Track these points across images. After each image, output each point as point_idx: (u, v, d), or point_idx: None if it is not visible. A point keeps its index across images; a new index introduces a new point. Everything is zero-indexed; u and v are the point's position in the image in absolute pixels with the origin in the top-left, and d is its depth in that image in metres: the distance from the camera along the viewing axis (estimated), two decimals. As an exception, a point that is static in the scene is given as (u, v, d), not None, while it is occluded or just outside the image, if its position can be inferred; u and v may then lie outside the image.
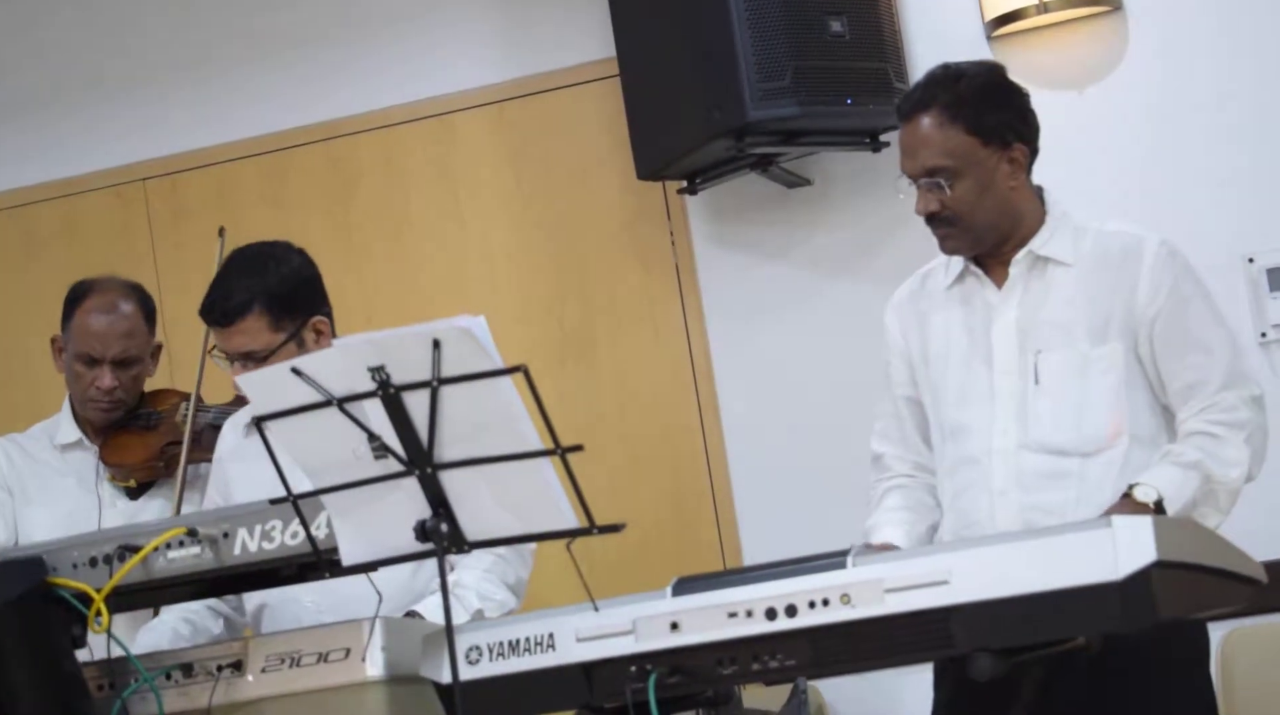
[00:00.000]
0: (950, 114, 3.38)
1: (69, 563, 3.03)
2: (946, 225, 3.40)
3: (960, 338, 3.49)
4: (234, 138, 5.93)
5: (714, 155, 5.18)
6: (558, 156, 5.70)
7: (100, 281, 4.22)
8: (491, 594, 3.67)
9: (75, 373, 4.15)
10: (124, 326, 4.13)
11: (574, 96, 5.67)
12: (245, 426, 3.89)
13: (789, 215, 5.46)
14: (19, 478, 4.17)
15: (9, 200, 6.08)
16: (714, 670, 2.75)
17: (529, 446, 2.71)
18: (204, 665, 3.05)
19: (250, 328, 3.70)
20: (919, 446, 3.60)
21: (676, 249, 5.58)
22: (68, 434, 4.21)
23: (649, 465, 5.54)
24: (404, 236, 5.80)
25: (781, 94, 4.91)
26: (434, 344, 2.67)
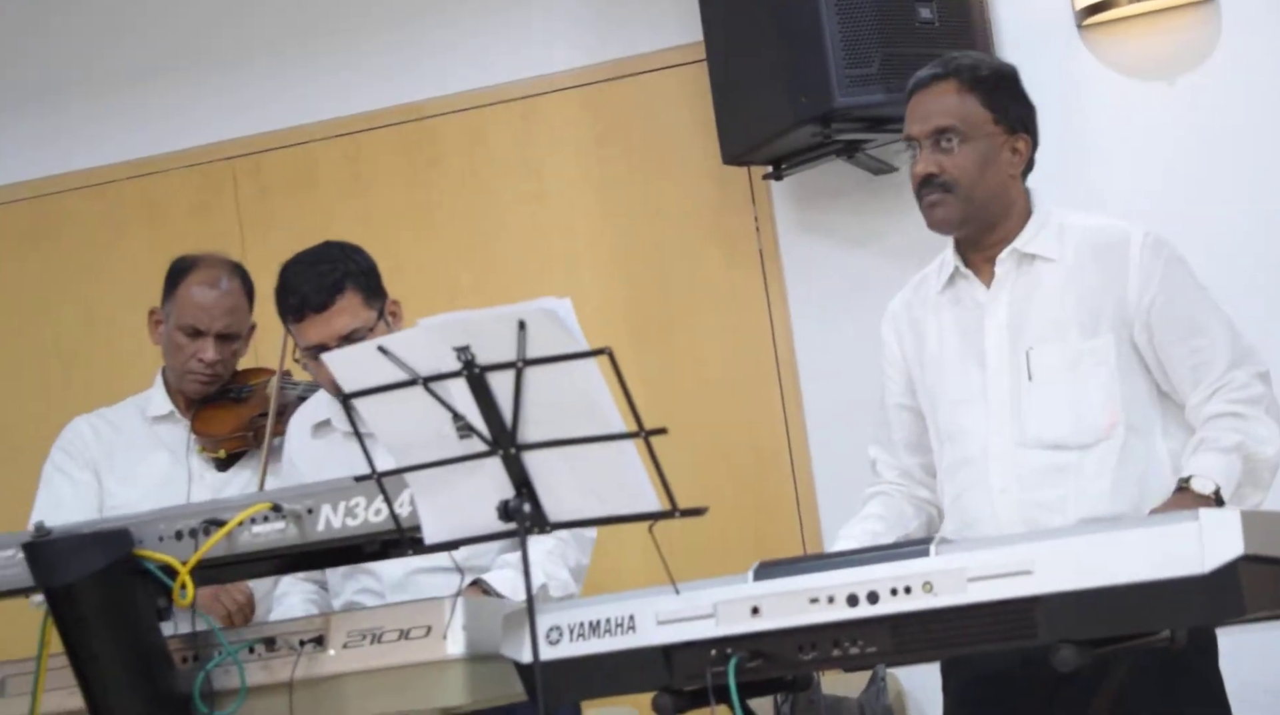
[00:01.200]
0: (969, 85, 3.42)
1: (155, 536, 3.05)
2: (942, 191, 3.40)
3: (953, 339, 3.49)
4: (319, 118, 5.96)
5: (800, 141, 5.17)
6: (642, 140, 5.70)
7: (206, 257, 4.25)
8: (555, 572, 3.69)
9: (177, 344, 4.17)
10: (229, 302, 4.16)
11: (660, 80, 5.66)
12: (313, 426, 3.91)
13: (874, 202, 5.44)
14: (108, 453, 4.19)
15: (93, 178, 6.12)
16: (794, 655, 2.74)
17: (612, 429, 2.71)
18: (286, 639, 3.06)
19: (349, 305, 3.74)
20: (904, 455, 3.62)
21: (760, 235, 5.57)
22: (160, 406, 4.23)
23: (729, 450, 5.54)
24: (486, 219, 5.81)
25: (869, 80, 4.90)
26: (519, 325, 2.68)
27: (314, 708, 3.04)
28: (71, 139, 6.13)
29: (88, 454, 4.21)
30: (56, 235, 6.08)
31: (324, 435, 3.89)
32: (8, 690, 3.26)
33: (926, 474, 3.59)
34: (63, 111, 6.16)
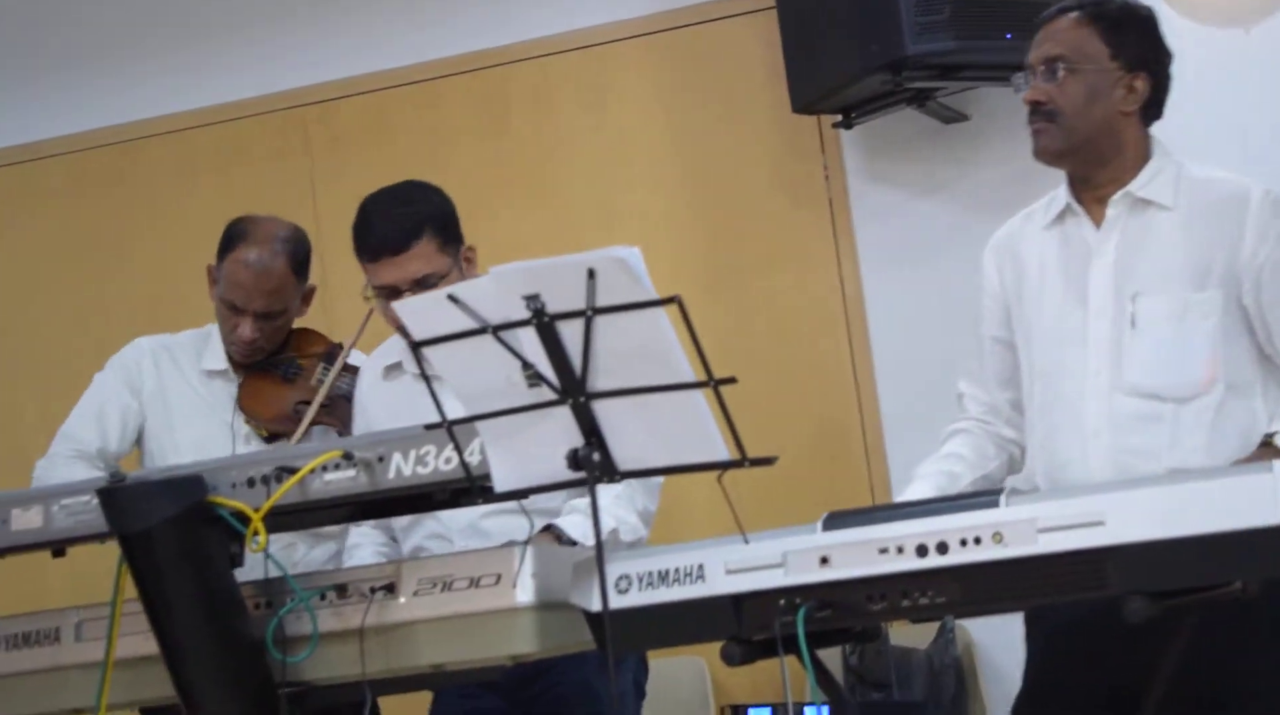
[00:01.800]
0: (1090, 16, 3.38)
1: (228, 482, 3.06)
2: (1046, 119, 3.36)
3: (1056, 278, 3.44)
4: (390, 66, 5.96)
5: (870, 89, 5.14)
6: (711, 89, 5.68)
7: (256, 226, 4.15)
8: (624, 517, 3.70)
9: (222, 314, 4.15)
10: (270, 283, 4.08)
11: (729, 28, 5.64)
12: (384, 368, 3.92)
13: (945, 151, 5.41)
14: (163, 390, 4.18)
15: (168, 125, 6.15)
16: (863, 606, 2.74)
17: (681, 378, 2.71)
18: (358, 586, 3.08)
19: (425, 251, 3.73)
20: (995, 390, 3.58)
21: (830, 184, 5.55)
22: (215, 361, 4.20)
23: (798, 400, 5.53)
24: (555, 167, 5.82)
25: (940, 28, 4.86)
26: (589, 273, 2.67)
27: (384, 654, 3.06)
28: (149, 87, 6.16)
29: (142, 382, 4.19)
30: (133, 182, 6.12)
31: (395, 377, 3.90)
32: (83, 635, 3.29)
33: (1014, 410, 3.55)
34: (141, 60, 6.19)
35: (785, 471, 3.36)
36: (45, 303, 6.12)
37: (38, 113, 6.25)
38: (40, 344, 4.40)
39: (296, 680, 3.09)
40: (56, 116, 6.24)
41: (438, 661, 3.08)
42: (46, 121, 6.25)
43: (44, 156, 6.25)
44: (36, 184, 6.25)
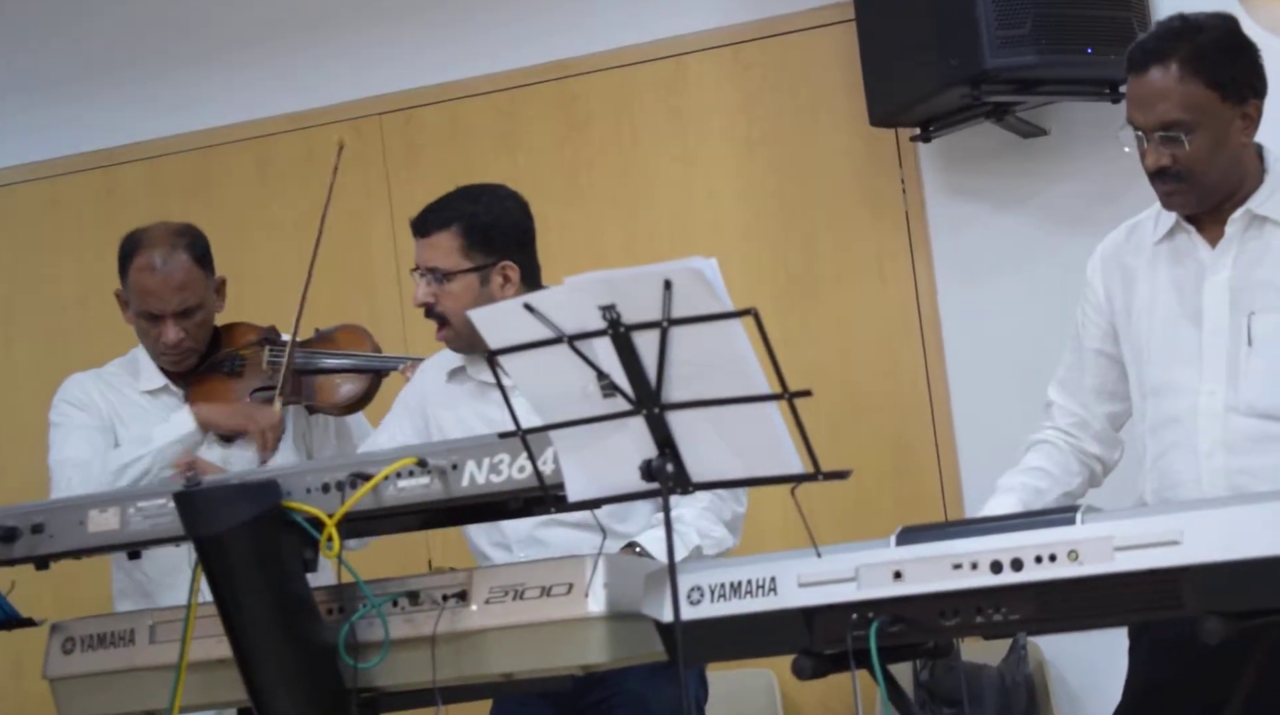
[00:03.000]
0: (1191, 67, 3.27)
1: (302, 487, 3.08)
2: (1176, 181, 3.31)
3: (1168, 294, 3.40)
4: (469, 75, 5.98)
5: (949, 103, 5.12)
6: (790, 100, 5.67)
7: (148, 233, 4.16)
8: (710, 531, 3.70)
9: (142, 329, 4.14)
10: (177, 279, 4.08)
11: (809, 40, 5.63)
12: (448, 371, 3.93)
13: (1024, 166, 5.38)
14: (117, 415, 4.17)
15: (247, 132, 6.19)
16: (936, 621, 2.73)
17: (756, 390, 2.71)
18: (430, 594, 3.09)
19: (442, 244, 3.79)
20: (1090, 404, 3.53)
21: (907, 197, 5.54)
22: (151, 380, 4.19)
23: (871, 414, 5.51)
24: (632, 177, 5.82)
25: (1021, 42, 4.84)
26: (665, 284, 2.68)
27: (455, 662, 3.07)
28: (228, 93, 6.20)
29: (98, 409, 4.18)
30: (212, 188, 6.16)
31: (460, 381, 3.90)
32: (157, 637, 3.31)
33: (1108, 425, 3.52)
34: (221, 67, 6.23)
35: (858, 485, 3.36)
36: (125, 306, 6.17)
37: (119, 118, 6.30)
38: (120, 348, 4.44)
39: (368, 686, 3.11)
40: (137, 122, 6.29)
41: (508, 670, 3.08)
42: (127, 127, 6.30)
43: (124, 162, 6.30)
44: (117, 189, 6.29)
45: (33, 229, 6.38)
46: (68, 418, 4.16)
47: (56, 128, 6.36)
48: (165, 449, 4.01)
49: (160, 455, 4.00)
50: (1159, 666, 3.33)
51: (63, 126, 6.35)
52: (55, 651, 3.41)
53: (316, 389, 4.13)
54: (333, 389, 4.13)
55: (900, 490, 5.44)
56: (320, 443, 4.21)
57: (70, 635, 3.40)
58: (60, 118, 6.36)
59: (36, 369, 6.29)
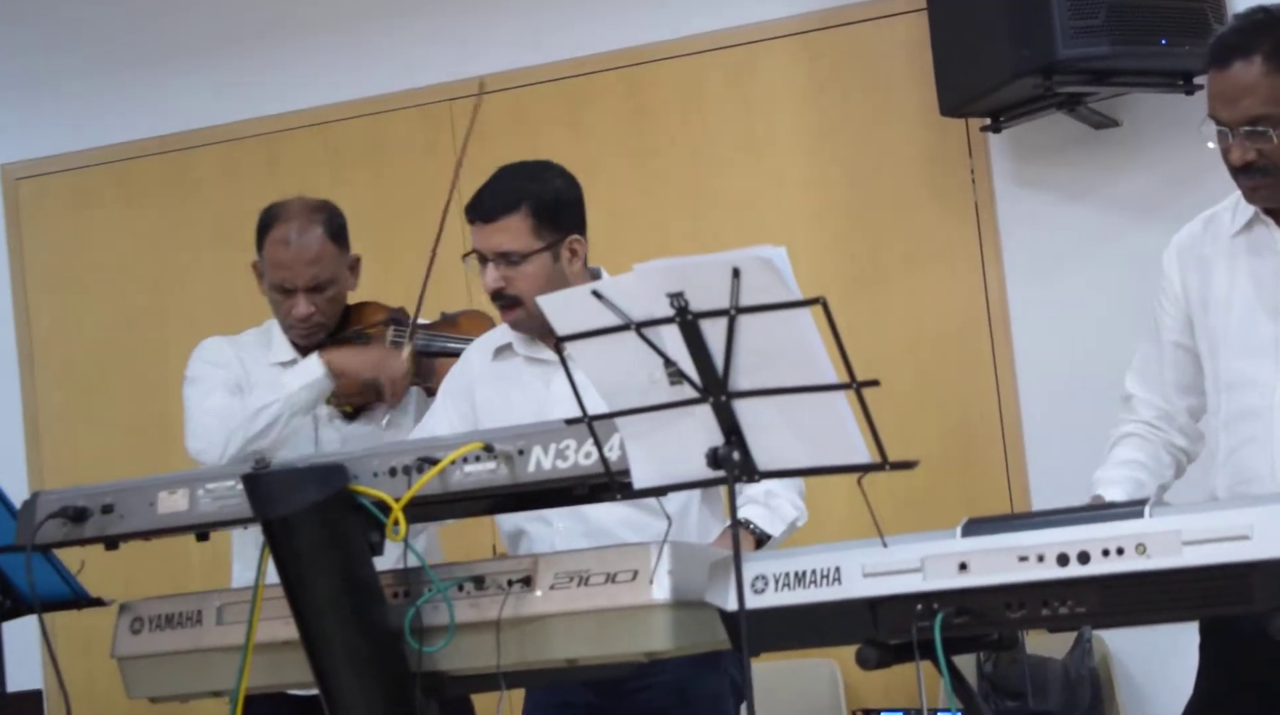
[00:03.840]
0: (1276, 61, 3.22)
1: (369, 471, 3.08)
2: (1261, 175, 3.28)
3: (1245, 287, 3.37)
4: (538, 62, 5.99)
5: (1020, 93, 5.10)
6: (859, 89, 5.66)
7: (285, 207, 4.21)
8: (797, 502, 3.74)
9: (274, 301, 4.19)
10: (310, 253, 4.12)
11: (879, 29, 5.62)
12: (494, 349, 3.92)
13: (1095, 157, 5.35)
14: (247, 380, 4.21)
15: (316, 117, 6.22)
16: (1002, 613, 2.71)
17: (824, 379, 2.70)
18: (495, 579, 3.09)
19: (513, 227, 3.75)
20: (1172, 397, 3.50)
21: (977, 187, 5.52)
22: (282, 353, 4.24)
23: (938, 404, 5.50)
24: (700, 165, 5.82)
25: (1094, 32, 4.81)
26: (734, 272, 2.67)
27: (520, 647, 3.07)
28: (297, 78, 6.24)
29: (233, 369, 4.23)
30: (282, 172, 6.19)
31: (506, 358, 3.90)
32: (224, 619, 3.33)
33: (1190, 418, 3.49)
34: (288, 51, 6.26)
35: (924, 476, 3.35)
36: (197, 289, 6.21)
37: (190, 102, 6.34)
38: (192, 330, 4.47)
39: (432, 670, 3.12)
40: (208, 106, 6.33)
41: (572, 656, 3.08)
42: (198, 111, 6.34)
43: (195, 145, 6.34)
44: (188, 172, 6.34)
45: (105, 212, 6.44)
46: (205, 373, 4.21)
47: (128, 112, 6.41)
48: (295, 395, 4.03)
49: (290, 401, 4.02)
50: (1231, 664, 3.31)
51: (135, 110, 6.40)
52: (123, 631, 3.44)
53: (436, 371, 4.16)
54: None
55: (965, 482, 5.42)
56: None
57: (138, 615, 3.43)
58: (132, 102, 6.41)
59: (108, 351, 6.35)
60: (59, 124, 6.47)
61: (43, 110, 6.49)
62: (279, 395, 4.03)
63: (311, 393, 4.05)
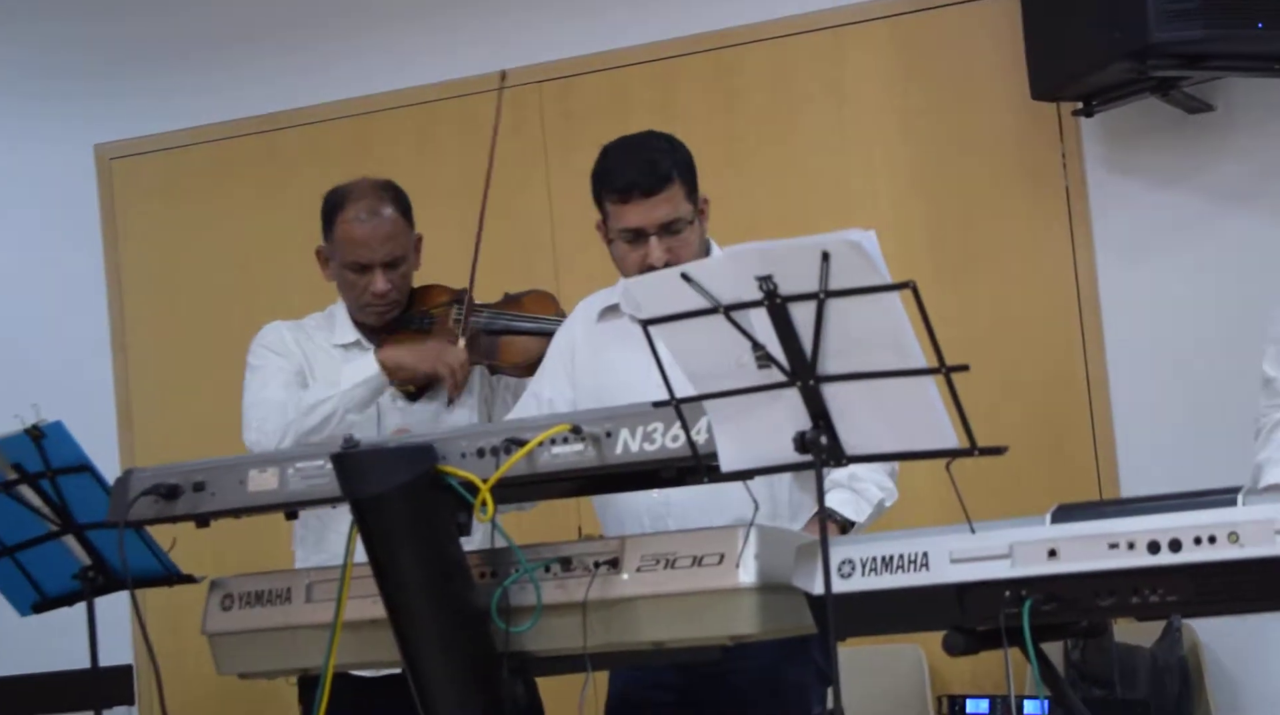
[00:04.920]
0: None
1: (457, 452, 3.10)
2: None
3: None
4: (626, 44, 5.99)
5: (1113, 77, 5.05)
6: (949, 73, 5.63)
7: (354, 187, 4.24)
8: (883, 482, 3.72)
9: (348, 281, 4.19)
10: (386, 228, 4.15)
11: (970, 13, 5.58)
12: (600, 310, 3.92)
13: (1188, 142, 5.30)
14: (309, 364, 4.23)
15: (405, 99, 6.23)
16: (1091, 600, 2.69)
17: (913, 363, 2.69)
18: (582, 560, 3.10)
19: (674, 196, 3.75)
20: None
21: (1068, 172, 5.47)
22: (345, 335, 4.25)
23: (1026, 390, 5.46)
24: (788, 149, 5.80)
25: (1188, 15, 4.76)
26: (823, 256, 2.66)
27: (606, 629, 3.08)
28: (388, 60, 6.26)
29: (294, 355, 4.24)
30: (372, 154, 6.21)
31: (610, 319, 3.89)
32: (313, 596, 3.36)
33: None
34: (381, 33, 6.28)
35: (1011, 462, 3.32)
36: (286, 270, 6.25)
37: (279, 83, 6.38)
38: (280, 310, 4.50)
39: (518, 650, 3.13)
40: (298, 88, 6.36)
41: (658, 639, 3.09)
42: (288, 92, 6.37)
43: (285, 126, 6.37)
44: (279, 153, 6.38)
45: (196, 192, 6.49)
46: (266, 361, 4.23)
47: (220, 92, 6.45)
48: (350, 391, 4.04)
49: (346, 397, 4.03)
50: None
51: (226, 91, 6.44)
52: (214, 608, 3.47)
53: (499, 349, 4.17)
54: (515, 350, 4.17)
55: (1054, 468, 5.39)
56: (499, 407, 4.25)
57: (228, 592, 3.46)
58: (224, 83, 6.45)
59: (197, 330, 6.40)
60: (152, 104, 6.51)
61: (136, 91, 6.55)
62: (335, 391, 4.04)
63: (366, 390, 4.06)
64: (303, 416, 4.01)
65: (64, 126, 6.61)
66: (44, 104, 6.65)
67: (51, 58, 6.65)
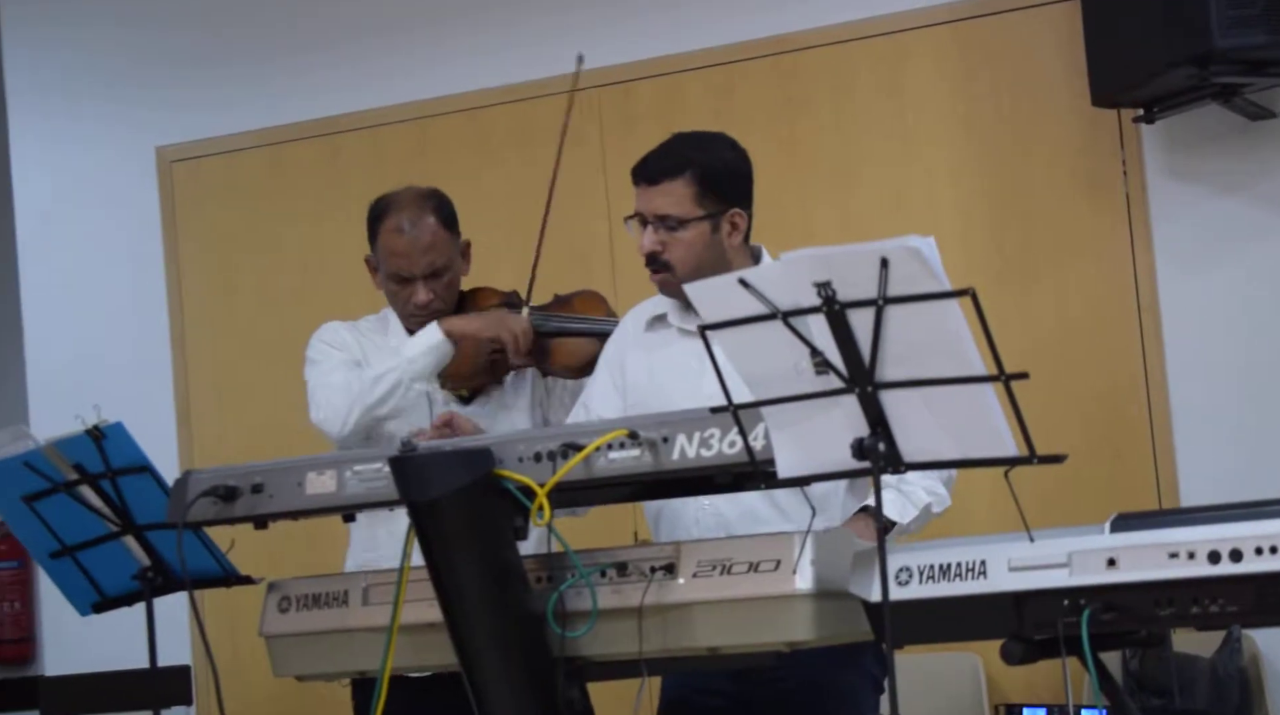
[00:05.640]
0: None
1: (515, 456, 3.10)
2: None
3: None
4: (685, 49, 5.99)
5: (1174, 83, 5.02)
6: (1010, 79, 5.61)
7: (396, 197, 4.24)
8: (935, 488, 3.70)
9: (391, 291, 4.21)
10: (425, 240, 4.14)
11: (1030, 18, 5.56)
12: (648, 319, 3.91)
13: (1250, 149, 5.27)
14: (366, 360, 4.23)
15: (464, 103, 6.25)
16: (1150, 610, 2.68)
17: (972, 370, 2.68)
18: (638, 565, 3.10)
19: (676, 191, 3.74)
20: None
21: (1128, 179, 5.44)
22: (399, 341, 4.23)
23: (1085, 398, 5.44)
24: (848, 154, 5.79)
25: (1251, 22, 4.73)
26: (882, 262, 2.66)
27: (662, 634, 3.08)
28: (446, 63, 6.27)
29: (352, 351, 4.25)
30: (430, 158, 6.23)
31: (658, 329, 3.89)
32: (370, 599, 3.36)
33: None
34: (440, 38, 6.30)
35: (1070, 470, 3.30)
36: (343, 273, 6.27)
37: (339, 87, 6.40)
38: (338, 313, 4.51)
39: (574, 655, 3.13)
40: (357, 91, 6.39)
41: (714, 644, 3.08)
42: (347, 96, 6.40)
43: (344, 130, 6.40)
44: (338, 157, 6.40)
45: (257, 194, 6.52)
46: (326, 354, 4.25)
47: (280, 96, 6.49)
48: (415, 360, 4.04)
49: (410, 366, 4.03)
50: None
51: (286, 95, 6.48)
52: (271, 610, 3.49)
53: (551, 351, 4.18)
54: (566, 351, 4.18)
55: (1112, 476, 5.36)
56: (557, 408, 4.25)
57: (286, 594, 3.47)
58: (284, 87, 6.48)
59: (256, 332, 6.43)
60: (212, 107, 6.55)
61: (197, 93, 6.59)
62: (399, 360, 4.05)
63: (431, 357, 4.06)
64: (368, 389, 4.02)
65: (127, 129, 6.66)
66: (107, 107, 6.70)
67: (115, 63, 6.70)
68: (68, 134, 6.76)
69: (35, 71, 6.83)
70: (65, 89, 6.78)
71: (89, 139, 6.72)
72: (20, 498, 3.95)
